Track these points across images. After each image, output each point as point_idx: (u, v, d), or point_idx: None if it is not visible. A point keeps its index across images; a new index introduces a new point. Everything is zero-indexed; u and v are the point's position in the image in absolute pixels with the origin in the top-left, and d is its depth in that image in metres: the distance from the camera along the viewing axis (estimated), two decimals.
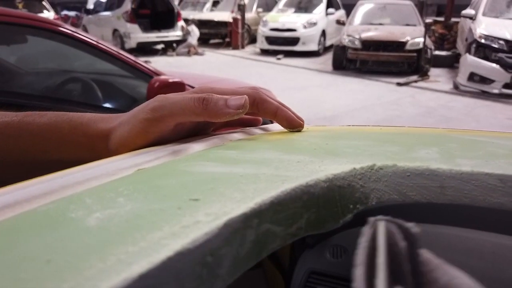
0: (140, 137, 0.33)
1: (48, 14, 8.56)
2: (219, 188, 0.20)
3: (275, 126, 0.43)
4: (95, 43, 1.73)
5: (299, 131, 0.39)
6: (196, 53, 9.01)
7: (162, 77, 1.87)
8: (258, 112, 0.37)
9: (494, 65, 5.06)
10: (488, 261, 0.22)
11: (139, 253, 0.14)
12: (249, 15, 10.45)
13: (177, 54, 8.91)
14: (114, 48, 1.83)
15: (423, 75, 6.23)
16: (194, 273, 0.15)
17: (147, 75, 1.88)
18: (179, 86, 1.89)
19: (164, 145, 0.33)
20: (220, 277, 0.16)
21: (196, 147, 0.32)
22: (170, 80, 1.85)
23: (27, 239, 0.16)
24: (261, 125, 0.45)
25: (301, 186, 0.21)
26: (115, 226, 0.16)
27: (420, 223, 0.26)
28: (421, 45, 6.34)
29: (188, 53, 8.88)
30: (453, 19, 7.95)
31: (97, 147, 0.35)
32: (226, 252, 0.16)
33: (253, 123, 0.44)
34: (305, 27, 8.62)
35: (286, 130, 0.40)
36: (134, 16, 8.69)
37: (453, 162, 0.26)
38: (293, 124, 0.39)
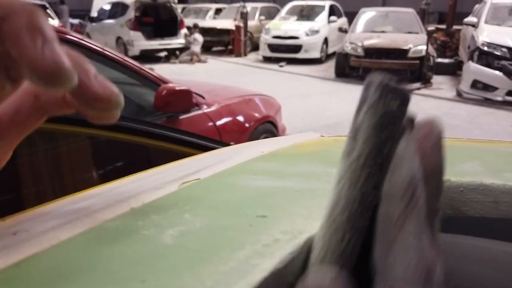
0: None
1: (53, 22, 8.63)
2: (280, 203, 0.20)
3: (294, 138, 0.43)
4: (102, 50, 1.74)
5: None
6: (199, 61, 9.04)
7: (170, 85, 1.88)
8: None
9: (497, 72, 5.08)
10: (502, 271, 0.22)
11: (231, 273, 0.14)
12: (252, 23, 10.52)
13: (180, 62, 8.94)
14: (120, 56, 1.84)
15: (426, 82, 6.25)
16: None
17: (154, 83, 1.89)
18: (186, 94, 1.90)
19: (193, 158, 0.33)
20: None
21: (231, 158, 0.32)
22: (177, 88, 1.86)
23: (111, 256, 0.15)
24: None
25: None
26: (192, 243, 0.16)
27: (473, 237, 0.25)
28: (423, 53, 6.36)
29: (191, 61, 8.92)
30: (455, 27, 7.99)
31: None
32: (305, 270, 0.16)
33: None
34: (307, 34, 8.67)
35: (313, 141, 0.40)
36: (138, 24, 8.77)
37: (502, 177, 0.25)
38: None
